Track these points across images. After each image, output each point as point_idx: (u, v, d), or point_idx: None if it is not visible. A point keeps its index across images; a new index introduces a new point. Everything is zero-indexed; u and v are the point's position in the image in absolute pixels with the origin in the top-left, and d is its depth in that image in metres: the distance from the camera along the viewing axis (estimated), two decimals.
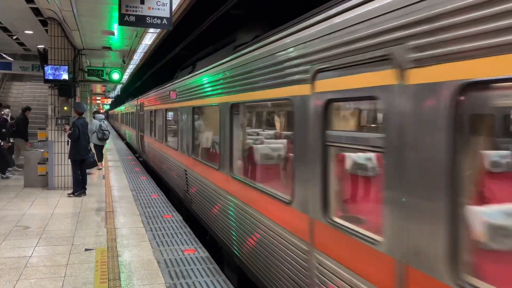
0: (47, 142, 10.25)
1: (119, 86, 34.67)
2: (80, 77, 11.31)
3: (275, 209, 3.87)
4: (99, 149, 14.17)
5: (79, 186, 9.27)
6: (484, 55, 1.80)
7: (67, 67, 9.71)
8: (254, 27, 5.93)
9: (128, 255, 5.52)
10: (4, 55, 15.77)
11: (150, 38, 11.81)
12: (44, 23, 10.11)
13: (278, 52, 3.78)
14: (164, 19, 6.70)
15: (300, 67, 3.32)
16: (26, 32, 11.42)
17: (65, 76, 9.63)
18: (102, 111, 24.55)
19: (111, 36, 10.47)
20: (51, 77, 9.60)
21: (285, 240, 3.63)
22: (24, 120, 12.52)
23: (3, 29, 11.29)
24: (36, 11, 9.22)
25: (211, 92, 6.08)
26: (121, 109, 32.42)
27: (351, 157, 3.08)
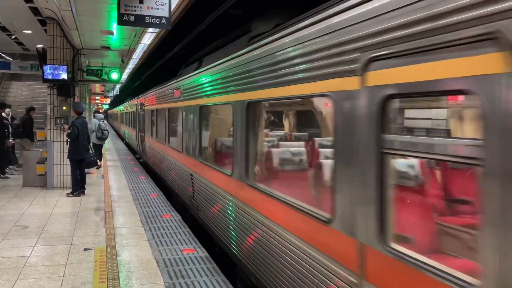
0: (46, 142, 10.25)
1: (118, 86, 34.64)
2: (79, 76, 11.30)
3: (308, 227, 3.27)
4: (98, 148, 14.17)
5: (78, 186, 9.27)
6: None
7: (66, 66, 9.71)
8: (272, 15, 5.34)
9: (127, 255, 5.52)
10: (2, 55, 15.74)
11: (149, 37, 11.80)
12: (43, 22, 10.10)
13: (311, 40, 3.18)
14: (163, 19, 6.70)
15: (344, 56, 2.75)
16: (25, 31, 11.42)
17: (64, 76, 9.63)
18: (101, 111, 24.52)
19: (110, 35, 10.46)
20: (50, 76, 9.60)
21: (322, 266, 3.05)
22: (30, 120, 12.59)
23: (2, 28, 11.28)
24: (35, 11, 9.22)
25: (222, 89, 5.53)
26: (120, 108, 32.22)
27: (413, 166, 2.53)
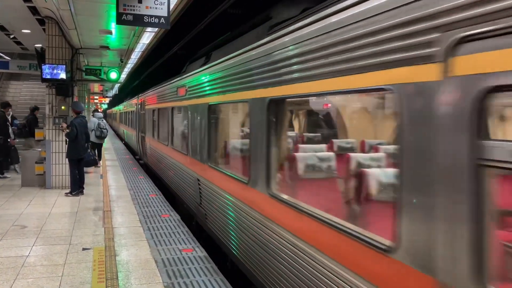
0: (44, 141, 10.24)
1: (117, 85, 34.60)
2: (78, 76, 11.29)
3: (356, 254, 2.65)
4: (98, 147, 14.17)
5: (77, 186, 9.26)
6: None
7: (64, 66, 9.70)
8: (296, 0, 4.74)
9: (125, 255, 5.52)
10: (1, 54, 15.70)
11: (148, 37, 11.80)
12: (41, 22, 10.09)
13: (359, 22, 2.65)
14: (162, 18, 6.69)
15: (416, 38, 2.19)
16: (23, 31, 11.40)
17: (62, 75, 9.63)
18: (100, 110, 24.54)
19: (109, 35, 10.45)
20: (48, 76, 9.60)
21: None
22: (35, 120, 12.64)
23: (0, 28, 11.25)
24: (34, 10, 9.20)
25: (236, 86, 4.97)
26: (119, 108, 32.02)
27: None
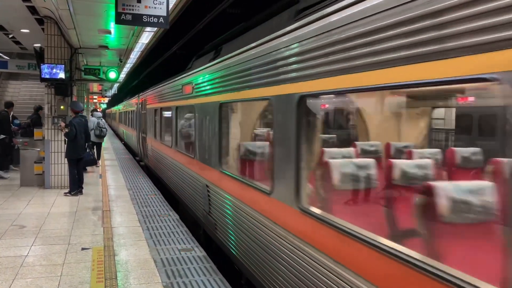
0: (43, 141, 10.23)
1: (116, 85, 34.59)
2: (77, 76, 11.28)
3: None
4: (97, 146, 14.17)
5: (76, 185, 9.25)
6: None
7: (63, 66, 9.70)
8: None
9: (124, 254, 5.52)
10: (0, 54, 15.68)
11: (147, 36, 11.80)
12: (40, 21, 10.07)
13: None
14: (161, 18, 6.69)
15: None
16: (22, 30, 11.37)
17: (61, 75, 9.62)
18: (99, 110, 24.53)
19: (108, 35, 10.43)
20: (47, 76, 9.59)
21: None
22: (39, 119, 12.63)
23: None
24: (32, 10, 9.18)
25: (255, 81, 4.40)
26: (119, 108, 31.88)
27: None
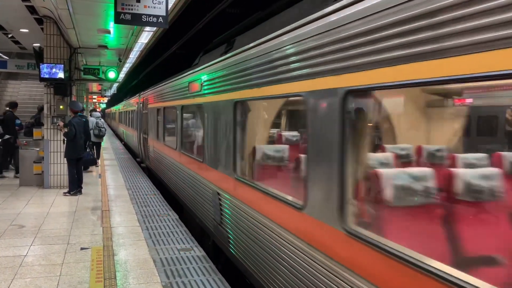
0: (43, 141, 10.23)
1: (115, 85, 34.58)
2: (76, 75, 11.27)
3: None
4: (96, 146, 14.17)
5: (75, 185, 9.25)
6: None
7: (62, 65, 9.70)
8: None
9: (124, 254, 5.52)
10: None
11: (146, 36, 11.79)
12: (39, 21, 10.06)
13: None
14: (160, 18, 6.69)
15: None
16: (21, 30, 11.36)
17: (60, 75, 9.62)
18: (98, 110, 24.58)
19: (107, 34, 10.42)
20: (46, 75, 9.59)
21: None
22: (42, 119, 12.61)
23: None
24: (32, 9, 9.18)
25: (282, 74, 3.78)
26: (118, 107, 31.79)
27: None
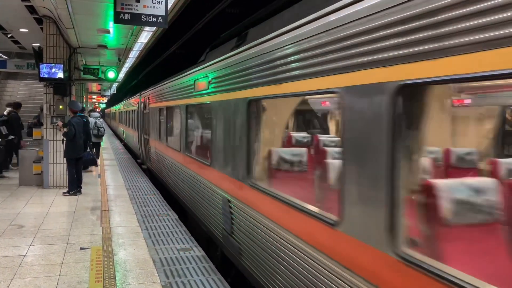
0: (42, 141, 10.23)
1: (115, 85, 34.58)
2: (76, 75, 11.27)
3: None
4: (96, 146, 14.18)
5: (75, 185, 9.25)
6: None
7: (62, 65, 9.70)
8: None
9: (123, 254, 5.51)
10: None
11: (145, 36, 11.79)
12: (39, 21, 10.06)
13: None
14: (160, 17, 6.69)
15: None
16: (21, 30, 11.36)
17: (60, 75, 9.62)
18: (98, 110, 24.62)
19: (107, 34, 10.42)
20: (46, 75, 9.59)
21: None
22: None
23: None
24: (31, 9, 9.17)
25: (308, 68, 3.26)
26: (118, 107, 31.72)
27: None
